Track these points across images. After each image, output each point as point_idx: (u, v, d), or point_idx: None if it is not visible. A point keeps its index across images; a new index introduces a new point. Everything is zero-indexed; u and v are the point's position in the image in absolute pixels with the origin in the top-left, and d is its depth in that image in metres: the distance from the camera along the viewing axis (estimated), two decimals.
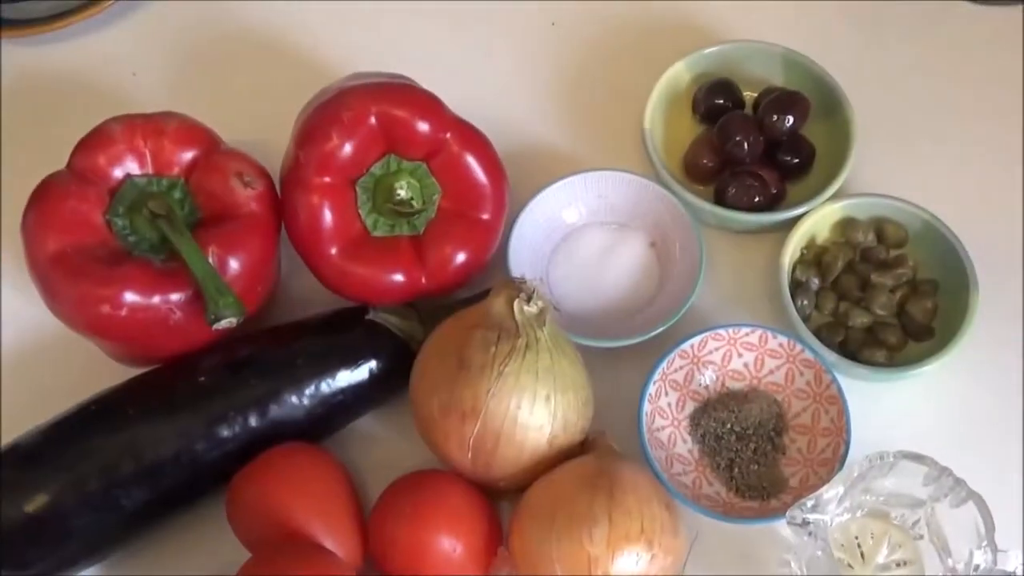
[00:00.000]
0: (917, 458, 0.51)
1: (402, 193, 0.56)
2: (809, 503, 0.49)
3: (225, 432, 0.55)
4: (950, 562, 0.54)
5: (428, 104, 0.56)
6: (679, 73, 0.65)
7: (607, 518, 0.50)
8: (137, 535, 0.56)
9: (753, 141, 0.61)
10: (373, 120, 0.55)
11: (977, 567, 0.51)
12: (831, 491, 0.50)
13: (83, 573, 0.57)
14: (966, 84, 0.68)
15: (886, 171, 0.63)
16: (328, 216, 0.55)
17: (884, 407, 0.59)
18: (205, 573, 0.56)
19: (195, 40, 0.74)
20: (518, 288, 0.55)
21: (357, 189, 0.56)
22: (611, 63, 0.71)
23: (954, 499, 0.51)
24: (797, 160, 0.62)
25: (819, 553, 0.49)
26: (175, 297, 0.54)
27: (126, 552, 0.57)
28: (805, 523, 0.49)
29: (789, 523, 0.49)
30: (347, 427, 0.59)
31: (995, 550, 0.50)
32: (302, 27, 0.73)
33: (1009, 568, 0.50)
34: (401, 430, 0.60)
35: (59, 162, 0.58)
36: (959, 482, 0.51)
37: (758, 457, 0.58)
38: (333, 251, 0.56)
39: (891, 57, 0.69)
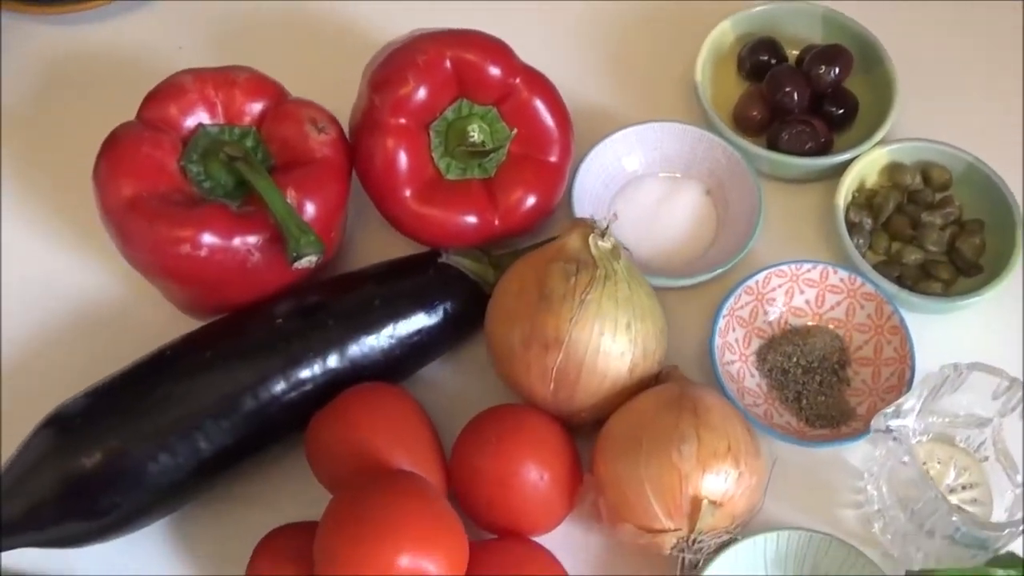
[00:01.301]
0: (990, 369, 0.52)
1: (475, 136, 0.57)
2: (890, 411, 0.51)
3: (304, 374, 0.55)
4: (1018, 478, 0.56)
5: (499, 50, 0.58)
6: (724, 33, 0.67)
7: (695, 435, 0.51)
8: (214, 481, 0.56)
9: (801, 92, 0.64)
10: (448, 64, 0.57)
11: None
12: (909, 401, 0.51)
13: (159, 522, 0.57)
14: (1001, 33, 0.72)
15: (928, 119, 0.66)
16: (403, 159, 0.57)
17: (937, 340, 0.60)
18: (284, 518, 0.55)
19: (239, 13, 0.75)
20: (591, 225, 0.56)
21: (430, 133, 0.58)
22: (657, 25, 0.73)
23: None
24: (842, 111, 0.65)
25: (905, 459, 0.50)
26: (253, 239, 0.55)
27: (203, 499, 0.57)
28: (888, 430, 0.50)
29: (873, 430, 0.51)
30: (417, 374, 0.60)
31: None
32: None
33: None
34: (471, 375, 0.61)
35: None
36: None
37: (824, 389, 0.59)
38: (407, 193, 0.57)
39: (928, 9, 0.72)
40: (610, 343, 0.54)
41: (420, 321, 0.57)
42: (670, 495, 0.51)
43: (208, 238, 0.54)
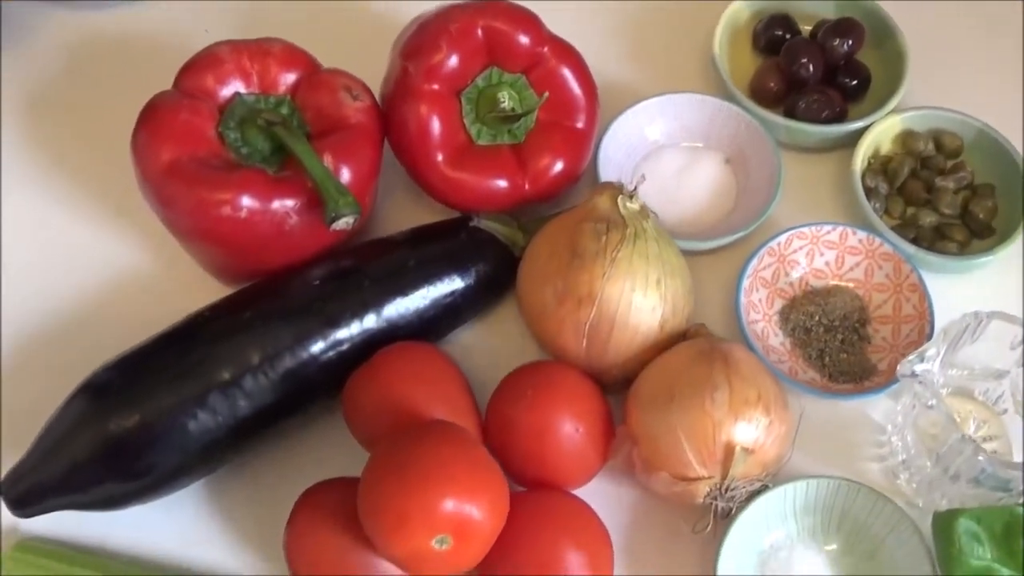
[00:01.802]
0: (1009, 318, 0.54)
1: (505, 103, 0.59)
2: (915, 356, 0.52)
3: (341, 334, 0.56)
4: None
5: (528, 19, 0.60)
6: (739, 9, 0.70)
7: (727, 384, 0.53)
8: (253, 441, 0.57)
9: (816, 63, 0.66)
10: (479, 32, 0.58)
11: None
12: (932, 347, 0.53)
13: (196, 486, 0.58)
14: (1007, 3, 0.74)
15: (938, 88, 0.68)
16: (436, 124, 0.58)
17: (953, 301, 0.62)
18: (322, 477, 0.56)
19: None
20: (619, 188, 0.58)
21: (462, 100, 0.60)
22: (674, 3, 0.75)
23: None
24: (855, 82, 0.67)
25: (931, 402, 0.52)
26: (290, 203, 0.56)
27: (240, 461, 0.58)
28: (914, 375, 0.52)
29: (900, 376, 0.52)
30: (448, 337, 0.61)
31: None
32: None
33: None
34: (502, 338, 0.62)
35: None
36: None
37: (846, 347, 0.61)
38: (440, 158, 0.59)
39: None
40: (641, 299, 0.55)
41: (453, 283, 0.59)
42: (703, 443, 0.53)
43: (247, 201, 0.55)
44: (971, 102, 0.66)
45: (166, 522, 0.58)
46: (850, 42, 0.66)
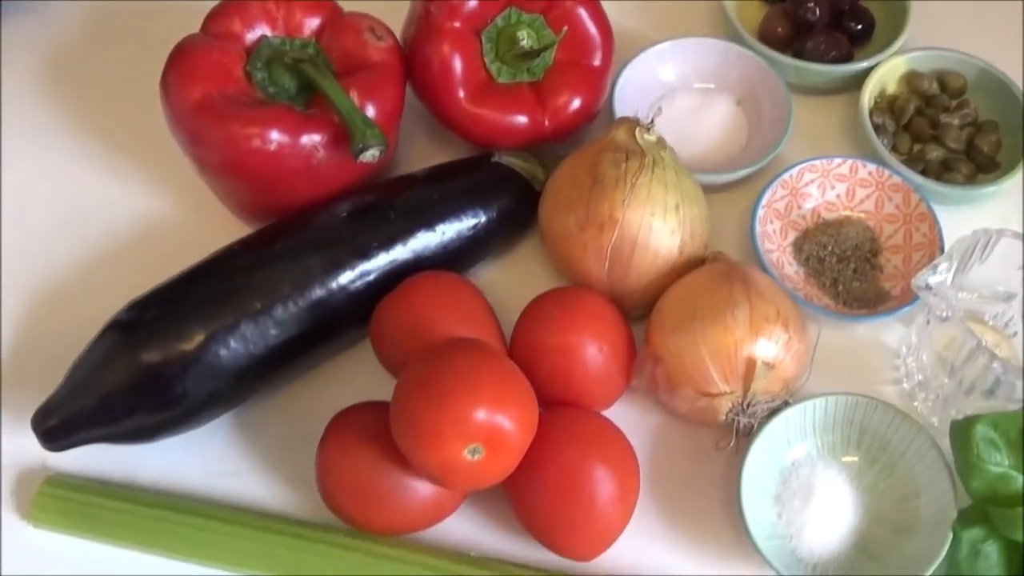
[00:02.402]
0: (1017, 235, 0.56)
1: (524, 41, 0.61)
2: (927, 270, 0.54)
3: (369, 264, 0.58)
4: None
5: None
6: None
7: (747, 302, 0.55)
8: (283, 369, 0.58)
9: (823, 7, 0.68)
10: None
11: None
12: (944, 262, 0.54)
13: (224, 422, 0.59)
14: None
15: (941, 30, 0.70)
16: (458, 62, 0.60)
17: (961, 230, 0.60)
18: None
19: None
20: (636, 121, 0.60)
21: (482, 39, 0.61)
22: None
23: None
24: (860, 26, 0.69)
25: (946, 313, 0.53)
26: (318, 138, 0.58)
27: (270, 389, 0.59)
28: (928, 287, 0.53)
29: (914, 288, 0.54)
30: (471, 272, 0.62)
31: None
32: None
33: None
34: (523, 274, 0.63)
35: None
36: None
37: (858, 276, 0.62)
38: (462, 94, 0.61)
39: None
40: (660, 223, 0.57)
41: (476, 216, 0.60)
42: (726, 358, 0.54)
43: (276, 135, 0.57)
44: (973, 43, 0.68)
45: (194, 457, 0.59)
46: None
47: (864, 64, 0.67)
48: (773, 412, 0.56)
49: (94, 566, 0.56)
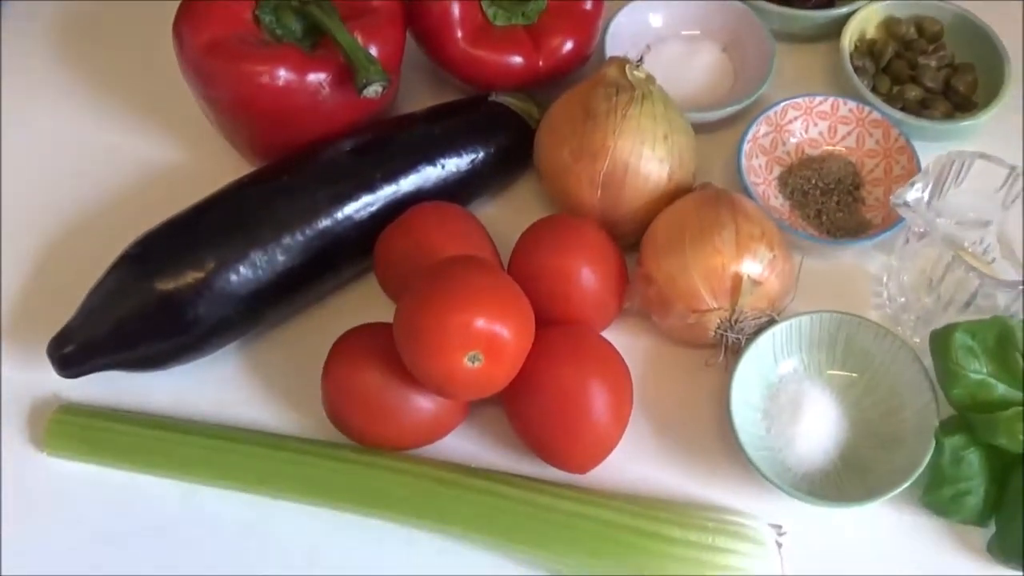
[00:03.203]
0: (991, 158, 0.58)
1: None
2: (905, 187, 0.56)
3: (373, 195, 0.61)
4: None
5: None
6: None
7: (733, 222, 0.57)
8: (291, 297, 0.61)
9: None
10: None
11: None
12: (920, 180, 0.57)
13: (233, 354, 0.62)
14: None
15: None
16: (455, 7, 0.63)
17: None
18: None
19: None
20: (626, 59, 0.62)
21: None
22: None
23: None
24: None
25: (923, 229, 0.56)
26: (323, 76, 0.61)
27: (279, 317, 0.61)
28: (906, 204, 0.56)
29: (893, 205, 0.56)
30: (470, 207, 0.65)
31: None
32: None
33: None
34: (521, 211, 0.65)
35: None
36: None
37: (841, 207, 0.65)
38: (460, 35, 0.64)
39: None
40: (650, 152, 0.59)
41: (475, 151, 0.63)
42: (714, 275, 0.57)
43: (284, 73, 0.59)
44: None
45: (203, 386, 0.61)
46: None
47: (844, 10, 0.69)
48: (760, 329, 0.58)
49: (106, 493, 0.58)
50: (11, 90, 0.73)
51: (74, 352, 0.58)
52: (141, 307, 0.57)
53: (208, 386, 0.61)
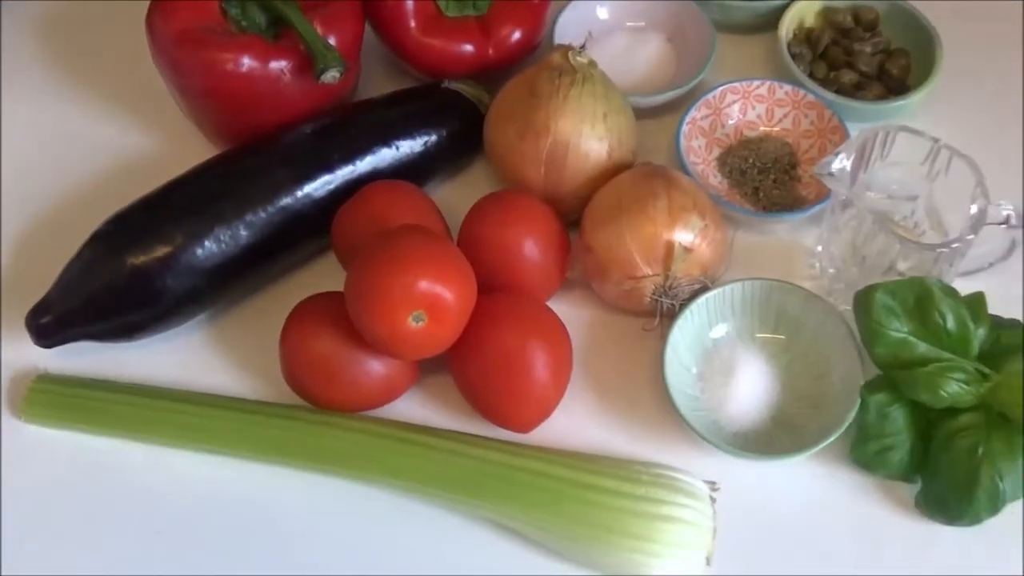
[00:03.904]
0: (914, 131, 0.61)
1: None
2: (829, 158, 0.59)
3: (332, 175, 0.65)
4: (951, 235, 0.64)
5: None
6: None
7: (666, 194, 0.61)
8: (254, 271, 0.64)
9: None
10: None
11: (974, 217, 0.59)
12: (844, 151, 0.60)
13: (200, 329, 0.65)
14: None
15: None
16: None
17: None
18: None
19: None
20: (570, 46, 0.66)
21: None
22: None
23: (946, 169, 0.61)
24: None
25: (844, 196, 0.59)
26: (284, 63, 0.65)
27: (242, 291, 0.65)
28: (831, 174, 0.59)
29: (816, 174, 0.59)
30: (425, 189, 0.68)
31: (988, 198, 0.60)
32: None
33: (1002, 214, 0.61)
34: (473, 193, 0.67)
35: None
36: (951, 148, 0.61)
37: (778, 185, 0.68)
38: (413, 25, 0.68)
39: None
40: (590, 129, 0.63)
41: (428, 134, 0.67)
42: (648, 244, 0.60)
43: (247, 60, 0.64)
44: None
45: (173, 356, 0.65)
46: None
47: (782, 1, 0.73)
48: (694, 295, 0.61)
49: (81, 456, 0.61)
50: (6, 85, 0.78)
51: (50, 323, 0.62)
52: (113, 279, 0.61)
53: (177, 357, 0.65)
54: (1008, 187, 0.67)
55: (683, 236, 0.60)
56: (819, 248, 0.66)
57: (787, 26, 0.72)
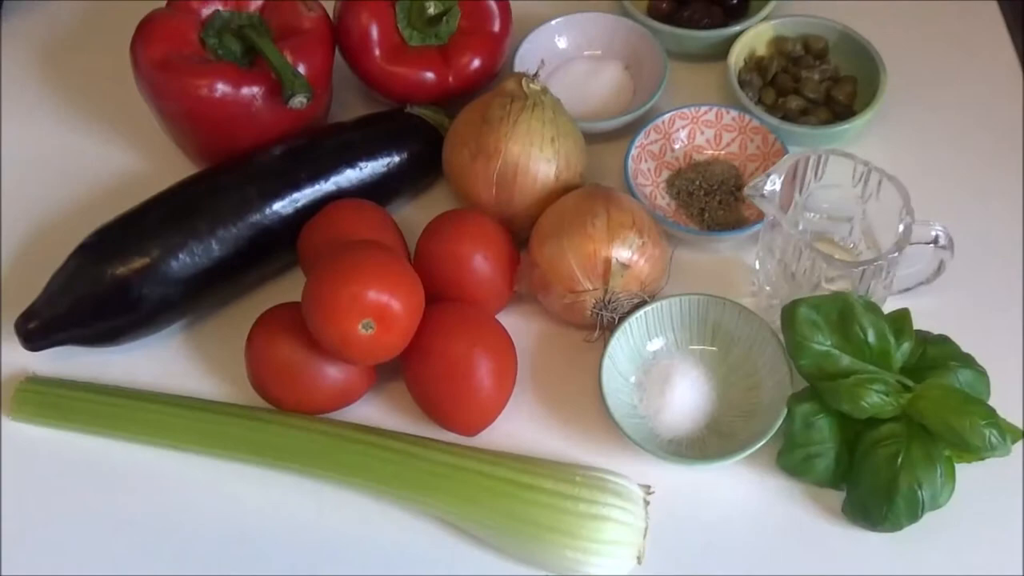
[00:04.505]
0: (844, 154, 0.64)
1: (431, 10, 0.72)
2: (760, 179, 0.62)
3: (299, 194, 0.69)
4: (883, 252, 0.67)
5: None
6: None
7: (605, 212, 0.64)
8: (225, 283, 0.69)
9: None
10: None
11: (901, 234, 0.62)
12: (775, 172, 0.63)
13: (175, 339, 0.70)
14: None
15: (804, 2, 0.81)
16: (375, 28, 0.72)
17: None
18: None
19: None
20: (524, 74, 0.70)
21: (396, 8, 0.73)
22: None
23: (877, 191, 0.64)
24: (736, 0, 0.79)
25: (773, 216, 0.62)
26: (256, 89, 0.69)
27: (214, 303, 0.70)
28: (762, 196, 0.62)
29: (747, 195, 0.63)
30: (388, 208, 0.72)
31: (913, 217, 0.62)
32: None
33: (931, 234, 0.64)
34: (431, 211, 0.71)
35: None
36: (880, 171, 0.64)
37: (723, 206, 0.72)
38: (378, 54, 0.72)
39: None
40: (539, 152, 0.67)
41: (391, 156, 0.72)
42: (587, 260, 0.63)
43: (222, 86, 0.68)
44: (834, 10, 0.78)
45: (150, 361, 0.69)
46: None
47: (734, 29, 0.77)
48: (633, 309, 0.65)
49: (63, 455, 0.66)
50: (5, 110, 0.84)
51: (37, 328, 0.67)
52: (95, 288, 0.66)
53: (156, 362, 0.70)
54: (948, 209, 0.69)
55: (621, 253, 0.63)
56: (756, 266, 0.69)
57: (737, 54, 0.76)
